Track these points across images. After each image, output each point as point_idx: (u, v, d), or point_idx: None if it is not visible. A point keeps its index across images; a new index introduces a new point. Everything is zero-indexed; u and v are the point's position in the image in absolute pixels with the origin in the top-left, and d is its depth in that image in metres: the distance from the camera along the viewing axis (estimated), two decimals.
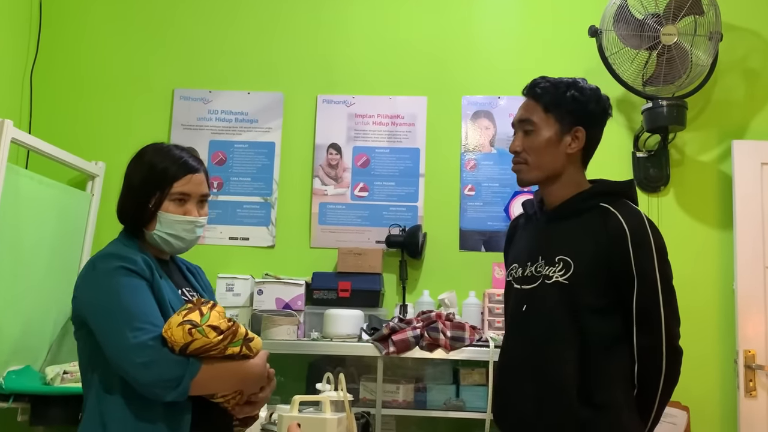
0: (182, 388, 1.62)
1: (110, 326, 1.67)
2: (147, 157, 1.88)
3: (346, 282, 3.46)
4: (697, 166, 3.64)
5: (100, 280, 1.73)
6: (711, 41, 3.35)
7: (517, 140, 2.06)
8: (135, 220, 1.86)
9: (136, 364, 1.61)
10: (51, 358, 3.26)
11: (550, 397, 1.91)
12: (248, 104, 3.83)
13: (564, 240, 1.98)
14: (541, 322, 1.97)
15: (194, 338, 1.63)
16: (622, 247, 1.89)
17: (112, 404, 1.69)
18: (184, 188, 1.84)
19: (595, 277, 1.91)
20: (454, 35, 3.82)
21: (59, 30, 3.90)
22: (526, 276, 2.02)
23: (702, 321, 3.48)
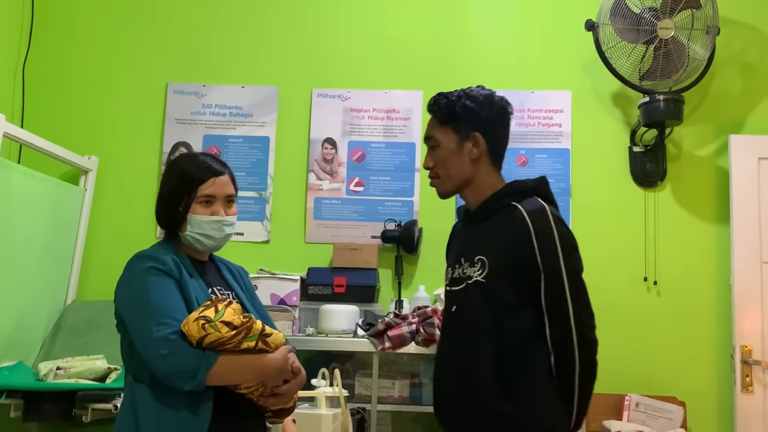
0: (198, 378, 1.74)
1: (138, 321, 1.83)
2: (176, 166, 2.05)
3: (341, 277, 3.47)
4: (694, 160, 3.64)
5: (132, 278, 1.90)
6: (708, 35, 3.36)
7: (427, 157, 2.19)
8: (170, 223, 2.02)
9: (157, 356, 1.75)
10: (44, 353, 3.26)
11: (472, 394, 2.00)
12: (242, 98, 3.83)
13: (481, 240, 2.09)
14: (463, 321, 2.08)
15: (207, 333, 1.73)
16: (528, 242, 1.97)
17: (141, 392, 1.84)
18: (209, 190, 1.98)
19: (507, 274, 2.00)
20: (450, 28, 3.83)
21: (51, 23, 3.90)
22: (455, 278, 2.13)
23: (698, 317, 3.50)
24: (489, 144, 2.14)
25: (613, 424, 3.16)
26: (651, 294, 3.54)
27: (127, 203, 3.74)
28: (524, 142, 3.70)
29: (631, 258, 3.56)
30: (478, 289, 2.03)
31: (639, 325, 3.50)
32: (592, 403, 3.21)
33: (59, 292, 3.49)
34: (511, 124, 3.67)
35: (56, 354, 3.21)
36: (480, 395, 1.98)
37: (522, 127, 3.70)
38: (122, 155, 3.78)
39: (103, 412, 2.84)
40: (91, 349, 3.18)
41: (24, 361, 3.14)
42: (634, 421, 3.19)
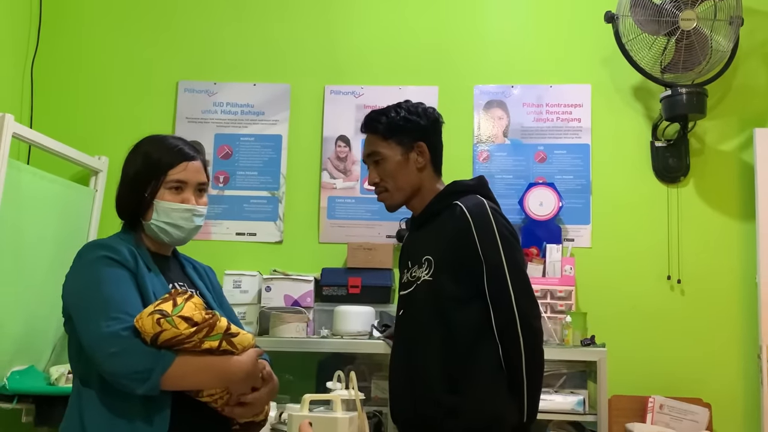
0: (152, 381, 1.58)
1: (85, 315, 1.68)
2: (143, 148, 1.90)
3: (356, 278, 3.46)
4: (717, 155, 3.61)
5: (82, 269, 1.76)
6: (731, 26, 3.33)
7: (372, 173, 2.27)
8: (132, 211, 1.87)
9: (105, 354, 1.60)
10: (55, 357, 3.27)
11: (420, 391, 2.09)
12: (254, 96, 3.83)
13: (425, 241, 2.19)
14: (411, 322, 2.17)
15: (163, 329, 1.59)
16: (468, 237, 2.07)
17: (89, 398, 1.69)
18: (180, 176, 1.85)
19: (451, 268, 2.09)
20: (464, 22, 3.81)
21: (60, 22, 3.91)
22: (404, 282, 2.24)
23: (724, 316, 3.47)
24: (431, 151, 2.27)
25: (636, 426, 3.13)
26: (674, 293, 3.51)
27: None
28: (542, 138, 3.67)
29: (654, 256, 3.53)
30: (425, 287, 2.12)
31: (662, 325, 3.47)
32: (615, 406, 3.22)
33: None
34: (529, 119, 3.70)
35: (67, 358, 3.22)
36: (428, 389, 2.07)
37: (540, 123, 3.68)
38: None
39: None
40: None
41: (35, 365, 3.15)
42: (658, 423, 3.17)
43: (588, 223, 3.57)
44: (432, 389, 2.06)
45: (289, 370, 3.29)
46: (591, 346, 3.08)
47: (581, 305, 3.41)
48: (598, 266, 3.52)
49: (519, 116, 3.71)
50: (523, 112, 3.71)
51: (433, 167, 2.29)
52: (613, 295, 3.49)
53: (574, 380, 3.13)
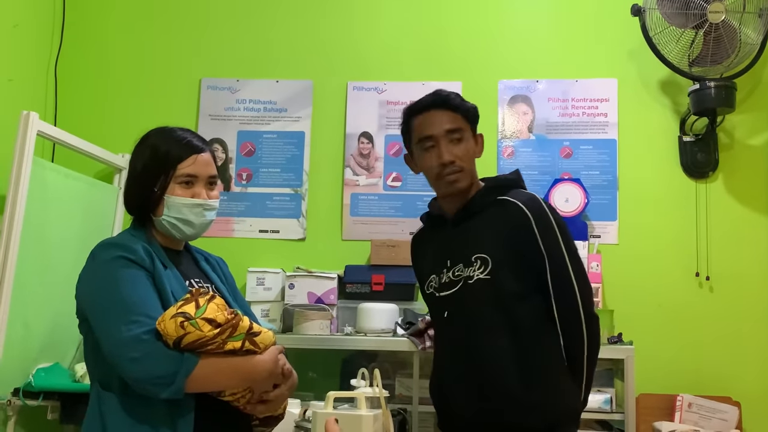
0: (177, 385, 1.56)
1: (105, 319, 1.64)
2: (150, 141, 1.87)
3: (379, 275, 3.47)
4: (747, 150, 3.58)
5: (97, 270, 1.71)
6: (761, 18, 3.29)
7: (452, 149, 2.14)
8: (141, 207, 1.83)
9: (127, 359, 1.57)
10: (80, 355, 3.30)
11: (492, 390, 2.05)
12: (277, 93, 3.85)
13: (475, 239, 2.12)
14: (467, 322, 2.11)
15: (187, 331, 1.57)
16: (529, 232, 2.06)
17: (110, 402, 1.66)
18: (190, 169, 1.81)
19: (512, 265, 2.07)
20: (488, 16, 3.80)
21: (83, 20, 3.95)
22: (444, 283, 2.16)
23: (753, 313, 3.44)
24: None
25: (664, 425, 3.11)
26: (703, 290, 3.48)
27: None
28: (568, 133, 3.66)
29: (683, 253, 3.50)
30: (481, 286, 2.07)
31: (691, 323, 3.45)
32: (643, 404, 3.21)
33: None
34: (554, 114, 3.69)
35: None
36: (503, 387, 2.03)
37: (566, 117, 3.66)
38: None
39: None
40: None
41: (60, 362, 3.19)
42: (687, 422, 3.15)
43: (615, 220, 3.56)
44: (507, 387, 2.03)
45: (312, 367, 3.30)
46: (618, 344, 3.07)
47: (608, 302, 3.40)
48: (625, 263, 3.50)
49: (544, 111, 3.70)
50: (549, 107, 3.70)
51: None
52: (640, 293, 3.47)
53: (601, 378, 3.11)
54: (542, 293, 2.07)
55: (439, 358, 2.26)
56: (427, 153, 2.14)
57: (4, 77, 3.47)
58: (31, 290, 3.01)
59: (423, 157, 2.17)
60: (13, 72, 3.53)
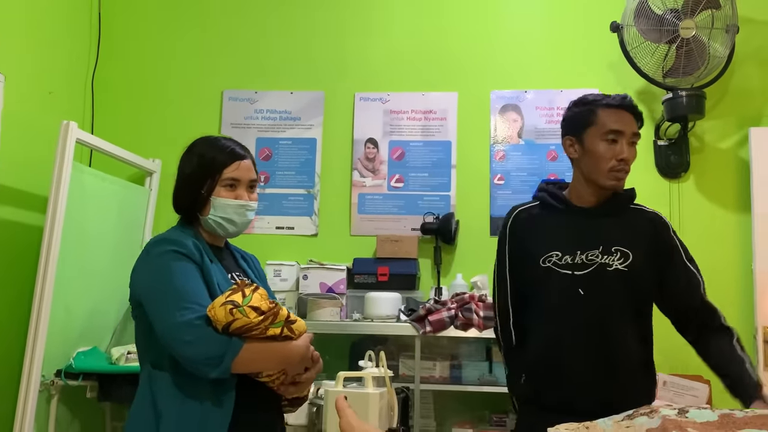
0: (224, 365, 1.60)
1: (160, 306, 1.67)
2: (197, 149, 1.89)
3: (384, 267, 3.47)
4: (716, 153, 3.58)
5: (153, 263, 1.74)
6: (728, 34, 3.29)
7: (626, 149, 2.06)
8: (190, 207, 1.86)
9: (182, 342, 1.61)
10: (116, 339, 3.32)
11: (623, 369, 2.01)
12: (291, 103, 3.85)
13: (618, 233, 2.07)
14: (602, 305, 2.03)
15: (235, 318, 1.60)
16: (670, 238, 2.11)
17: (162, 381, 1.69)
18: (234, 174, 1.84)
19: (650, 265, 2.06)
20: (482, 34, 3.80)
21: (117, 39, 3.96)
22: (577, 263, 2.05)
23: (722, 300, 3.38)
24: None
25: None
26: None
27: None
28: (554, 139, 3.66)
29: None
30: (617, 276, 2.03)
31: None
32: None
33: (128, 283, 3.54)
34: (542, 121, 3.69)
35: (127, 339, 3.27)
36: (632, 373, 2.03)
37: (552, 124, 3.66)
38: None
39: None
40: None
41: (98, 346, 3.21)
42: (662, 398, 3.15)
43: None
44: (634, 369, 2.03)
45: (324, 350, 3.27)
46: None
47: None
48: None
49: (532, 119, 3.70)
50: (536, 115, 3.70)
51: None
52: None
53: None
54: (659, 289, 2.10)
55: (563, 327, 2.06)
56: (608, 144, 2.05)
57: (45, 90, 3.49)
58: (71, 281, 3.02)
59: (601, 146, 2.06)
60: (53, 85, 3.55)
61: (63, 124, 2.93)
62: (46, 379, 2.90)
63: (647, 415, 0.75)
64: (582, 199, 2.12)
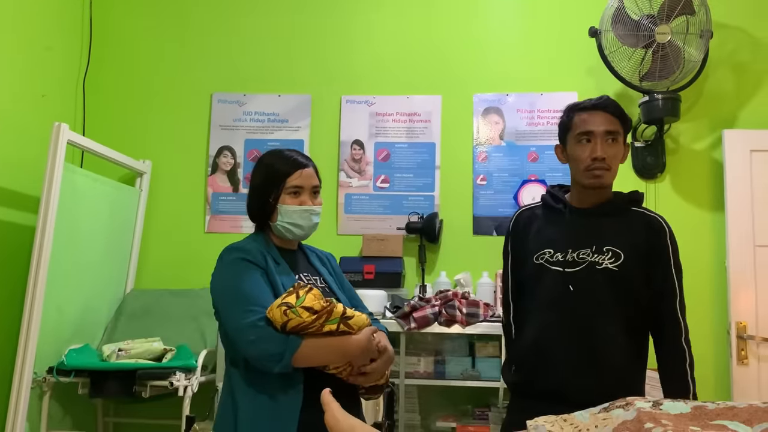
0: (285, 361, 1.69)
1: (228, 309, 1.80)
2: (265, 161, 1.99)
3: (370, 265, 3.47)
4: (690, 154, 3.60)
5: (223, 270, 1.86)
6: (702, 39, 3.31)
7: (604, 148, 2.07)
8: (260, 215, 1.96)
9: (246, 341, 1.72)
10: (107, 337, 3.31)
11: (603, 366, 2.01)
12: (279, 106, 3.84)
13: (611, 233, 2.08)
14: (590, 301, 2.04)
15: (289, 318, 1.69)
16: (663, 242, 2.09)
17: (237, 376, 1.81)
18: (297, 181, 1.92)
19: (641, 267, 2.06)
20: (465, 38, 3.81)
21: (108, 42, 3.94)
22: (568, 260, 2.08)
23: (697, 296, 3.46)
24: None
25: None
26: None
27: (178, 202, 3.78)
28: (534, 140, 3.67)
29: None
30: (606, 275, 2.04)
31: None
32: None
33: (119, 282, 3.53)
34: (522, 123, 3.70)
35: (118, 337, 3.26)
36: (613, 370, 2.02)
37: (532, 126, 3.68)
38: (173, 159, 3.82)
39: (160, 388, 2.88)
40: (149, 333, 3.22)
41: (90, 343, 3.19)
42: None
43: None
44: (615, 366, 2.02)
45: None
46: None
47: None
48: None
49: (513, 121, 3.71)
50: (517, 117, 3.71)
51: None
52: None
53: None
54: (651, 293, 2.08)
55: (549, 322, 2.09)
56: (582, 146, 2.09)
57: (38, 93, 3.47)
58: (63, 280, 3.01)
59: (577, 149, 2.10)
60: (46, 88, 3.52)
61: (55, 126, 2.91)
62: (38, 376, 2.88)
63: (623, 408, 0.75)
64: (579, 201, 2.15)
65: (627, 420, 0.72)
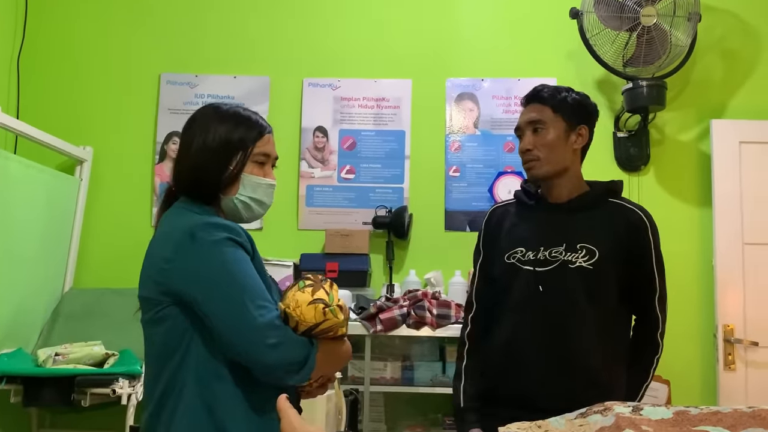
0: (306, 370, 1.48)
1: (230, 303, 1.47)
2: (217, 119, 1.67)
3: (333, 263, 3.47)
4: (676, 145, 3.65)
5: (206, 251, 1.51)
6: (690, 22, 3.36)
7: (527, 139, 2.16)
8: (212, 185, 1.63)
9: (264, 345, 1.44)
10: (43, 340, 3.26)
11: (575, 366, 2.04)
12: (234, 88, 3.81)
13: (585, 230, 2.11)
14: (561, 301, 2.08)
15: (326, 318, 1.48)
16: (644, 237, 2.12)
17: (220, 392, 1.50)
18: (265, 148, 1.68)
19: (618, 264, 2.09)
20: (437, 18, 3.81)
21: (45, 15, 3.87)
22: (539, 259, 2.12)
23: (682, 297, 3.51)
24: (587, 140, 2.21)
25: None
26: None
27: (123, 193, 3.73)
28: (511, 129, 3.61)
29: None
30: (582, 274, 2.07)
31: None
32: None
33: (57, 280, 3.48)
34: (498, 111, 3.72)
35: (55, 340, 3.21)
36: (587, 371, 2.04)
37: (509, 114, 3.70)
38: (117, 145, 3.77)
39: (101, 396, 2.84)
40: (89, 336, 3.18)
41: (23, 347, 3.14)
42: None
43: None
44: (590, 367, 2.05)
45: None
46: None
47: None
48: None
49: (489, 108, 3.73)
50: (493, 104, 3.73)
51: (582, 156, 2.24)
52: None
53: None
54: (628, 290, 2.12)
55: (521, 324, 2.12)
56: (519, 142, 2.20)
57: None
58: None
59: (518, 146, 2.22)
60: None
61: None
62: None
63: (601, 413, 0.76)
64: (550, 194, 2.19)
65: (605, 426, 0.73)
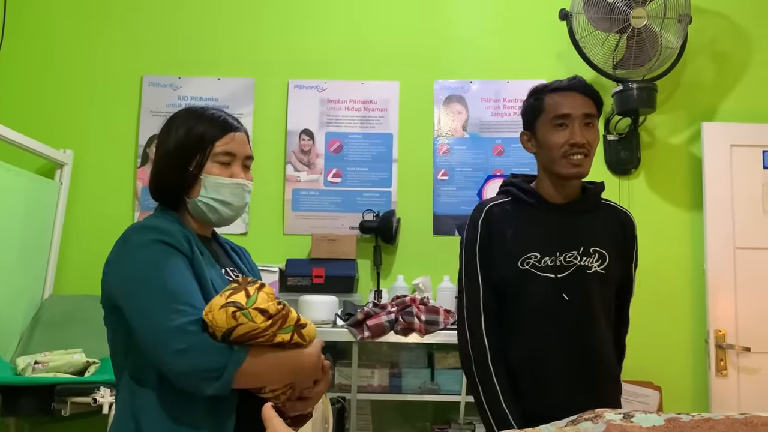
0: (225, 379, 1.42)
1: (144, 307, 1.47)
2: (182, 120, 1.69)
3: (320, 268, 3.46)
4: (667, 148, 3.68)
5: (133, 254, 1.52)
6: (680, 24, 3.38)
7: (585, 132, 2.05)
8: (174, 189, 1.65)
9: (171, 351, 1.41)
10: (22, 348, 3.24)
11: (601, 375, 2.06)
12: (218, 90, 3.81)
13: (593, 233, 2.10)
14: (583, 308, 2.04)
15: (239, 323, 1.43)
16: (633, 238, 2.17)
17: (146, 399, 1.50)
18: (228, 147, 1.66)
19: (619, 266, 2.11)
20: (426, 19, 3.82)
21: (24, 16, 3.85)
22: (557, 266, 2.05)
23: (673, 302, 3.54)
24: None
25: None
26: None
27: (104, 197, 3.72)
28: (500, 132, 3.71)
29: None
30: (597, 278, 2.05)
31: None
32: None
33: (36, 286, 3.46)
34: (487, 114, 3.73)
35: (34, 348, 3.19)
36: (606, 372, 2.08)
37: (498, 117, 3.71)
38: (98, 149, 3.75)
39: (82, 405, 2.82)
40: (69, 343, 3.16)
41: (1, 356, 3.12)
42: None
43: None
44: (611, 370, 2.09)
45: None
46: None
47: None
48: None
49: (478, 111, 3.74)
50: (482, 107, 3.74)
51: None
52: None
53: None
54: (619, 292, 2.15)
55: (545, 333, 2.04)
56: (558, 131, 2.04)
57: None
58: None
59: (552, 134, 2.05)
60: None
61: None
62: None
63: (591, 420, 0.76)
64: (551, 194, 2.11)
65: None
